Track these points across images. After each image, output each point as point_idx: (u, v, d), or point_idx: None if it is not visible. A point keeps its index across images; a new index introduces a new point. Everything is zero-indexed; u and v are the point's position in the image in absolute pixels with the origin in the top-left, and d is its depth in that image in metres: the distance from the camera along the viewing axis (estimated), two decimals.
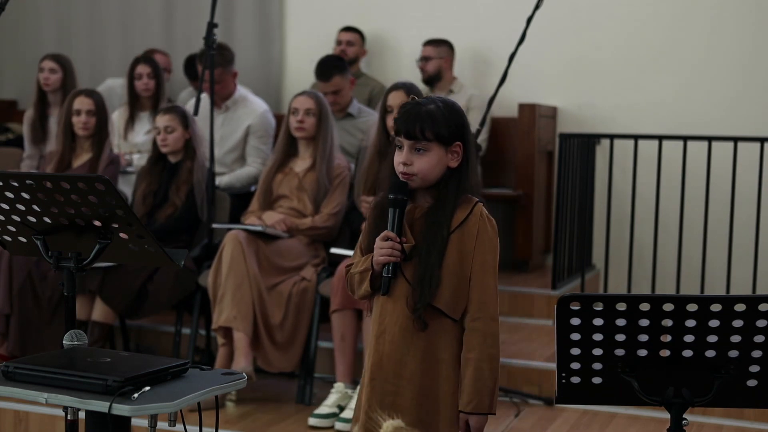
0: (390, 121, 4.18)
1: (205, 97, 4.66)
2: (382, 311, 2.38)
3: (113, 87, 6.10)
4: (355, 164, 4.66)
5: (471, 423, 2.34)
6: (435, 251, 2.31)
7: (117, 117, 5.52)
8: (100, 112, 4.82)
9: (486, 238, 2.35)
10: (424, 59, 5.83)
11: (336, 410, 3.95)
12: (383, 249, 2.32)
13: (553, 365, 2.02)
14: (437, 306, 2.32)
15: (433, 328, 2.34)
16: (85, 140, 4.83)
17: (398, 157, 2.36)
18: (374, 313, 2.41)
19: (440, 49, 5.85)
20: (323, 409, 3.95)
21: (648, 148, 5.25)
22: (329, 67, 5.16)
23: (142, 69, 5.51)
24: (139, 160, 5.35)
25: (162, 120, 4.66)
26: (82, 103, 4.79)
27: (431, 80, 5.85)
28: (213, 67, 4.68)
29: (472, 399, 2.32)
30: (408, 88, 4.21)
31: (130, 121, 5.57)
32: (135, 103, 5.57)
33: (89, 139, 4.82)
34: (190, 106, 4.82)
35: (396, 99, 4.17)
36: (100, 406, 1.97)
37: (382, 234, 2.33)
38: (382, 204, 2.41)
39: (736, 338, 1.93)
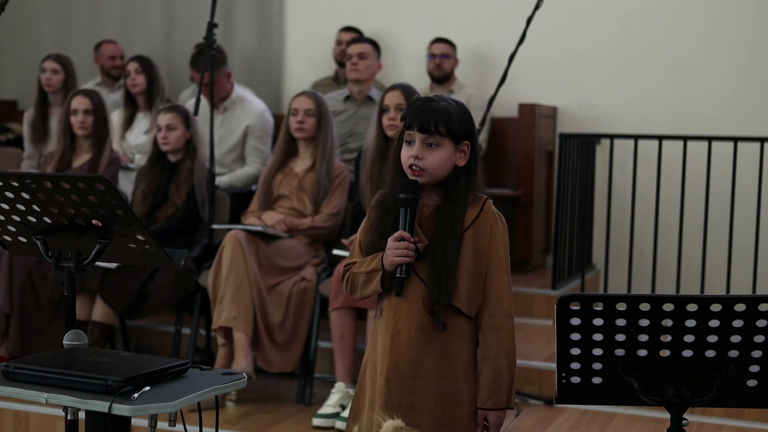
0: (386, 121, 4.17)
1: (203, 99, 4.66)
2: (395, 312, 2.34)
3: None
4: (355, 167, 4.64)
5: (490, 419, 2.35)
6: (451, 251, 2.28)
7: (116, 117, 5.51)
8: (98, 111, 4.81)
9: (498, 235, 2.34)
10: (442, 56, 5.81)
11: (339, 410, 3.95)
12: (398, 249, 2.27)
13: (553, 365, 2.02)
14: (455, 305, 2.30)
15: (448, 327, 2.32)
16: (85, 140, 4.83)
17: (408, 152, 2.32)
18: (386, 313, 2.36)
19: (454, 48, 5.85)
20: (327, 409, 3.96)
21: (648, 148, 5.25)
22: (366, 38, 5.51)
23: (131, 66, 5.52)
24: (140, 159, 5.35)
25: (164, 118, 4.66)
26: (79, 102, 4.79)
27: (443, 79, 5.84)
28: (213, 67, 4.68)
29: (491, 396, 2.34)
30: (406, 88, 4.21)
31: (127, 123, 5.56)
32: (130, 104, 5.57)
33: (89, 139, 4.81)
34: (189, 106, 4.81)
35: (392, 99, 4.16)
36: (100, 406, 1.97)
37: (396, 234, 2.29)
38: (384, 202, 2.38)
39: (736, 338, 1.93)
